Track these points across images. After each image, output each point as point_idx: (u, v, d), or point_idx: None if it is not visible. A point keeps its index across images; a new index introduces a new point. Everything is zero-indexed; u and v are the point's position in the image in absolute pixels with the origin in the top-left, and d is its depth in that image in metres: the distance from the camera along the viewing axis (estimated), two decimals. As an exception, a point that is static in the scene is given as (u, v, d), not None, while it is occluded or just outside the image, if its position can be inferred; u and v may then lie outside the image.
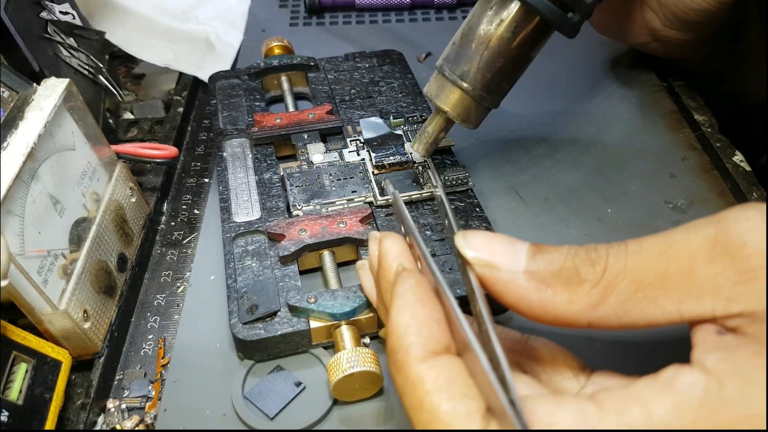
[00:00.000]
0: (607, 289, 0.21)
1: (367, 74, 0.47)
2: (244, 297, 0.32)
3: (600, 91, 0.49)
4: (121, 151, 0.38)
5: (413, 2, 0.59)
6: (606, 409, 0.19)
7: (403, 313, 0.22)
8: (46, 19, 0.40)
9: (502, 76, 0.34)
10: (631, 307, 0.21)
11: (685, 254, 0.21)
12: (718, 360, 0.19)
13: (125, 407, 0.31)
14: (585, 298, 0.22)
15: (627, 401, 0.19)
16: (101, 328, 0.32)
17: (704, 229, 0.21)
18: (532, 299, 0.22)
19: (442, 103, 0.35)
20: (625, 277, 0.21)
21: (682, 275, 0.21)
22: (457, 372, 0.21)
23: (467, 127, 0.36)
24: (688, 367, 0.20)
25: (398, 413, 0.30)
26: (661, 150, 0.43)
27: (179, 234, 0.40)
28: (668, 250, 0.21)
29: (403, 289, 0.23)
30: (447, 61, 0.35)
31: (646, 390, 0.20)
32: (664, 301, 0.21)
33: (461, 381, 0.21)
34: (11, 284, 0.27)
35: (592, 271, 0.22)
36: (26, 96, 0.32)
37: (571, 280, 0.22)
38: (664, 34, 0.43)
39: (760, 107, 0.49)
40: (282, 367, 0.32)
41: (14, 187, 0.28)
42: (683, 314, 0.21)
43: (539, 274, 0.22)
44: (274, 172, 0.39)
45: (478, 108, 0.35)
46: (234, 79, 0.47)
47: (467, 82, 0.34)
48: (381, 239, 0.26)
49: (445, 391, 0.21)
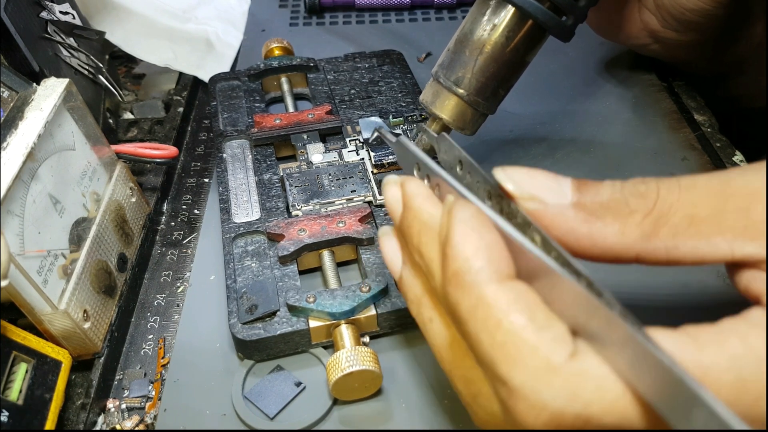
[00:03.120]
0: (660, 221, 0.21)
1: (366, 74, 0.47)
2: (244, 297, 0.32)
3: (600, 91, 0.49)
4: (121, 151, 0.38)
5: (413, 2, 0.59)
6: (702, 341, 0.19)
7: (470, 237, 0.21)
8: (46, 19, 0.40)
9: (497, 81, 0.34)
10: (683, 241, 0.21)
11: (744, 193, 0.20)
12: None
13: (125, 407, 0.31)
14: (636, 229, 0.21)
15: (722, 334, 0.19)
16: (101, 328, 0.32)
17: (762, 171, 0.21)
18: (580, 232, 0.22)
19: (437, 110, 0.35)
20: (679, 210, 0.21)
21: (740, 214, 0.20)
22: (535, 297, 0.20)
23: (464, 134, 0.36)
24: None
25: (398, 413, 0.30)
26: (661, 150, 0.43)
27: (179, 234, 0.40)
28: (726, 188, 0.21)
29: (465, 214, 0.21)
30: (442, 67, 0.35)
31: (740, 325, 0.19)
32: (718, 239, 0.20)
33: (541, 306, 0.20)
34: (11, 284, 0.27)
35: (643, 202, 0.21)
36: (26, 96, 0.32)
37: (621, 211, 0.22)
38: (663, 36, 0.43)
39: (760, 110, 0.49)
40: (282, 367, 0.32)
41: (14, 187, 0.28)
42: (736, 253, 0.20)
43: (588, 206, 0.22)
44: (274, 172, 0.39)
45: (474, 114, 0.35)
46: (234, 81, 0.47)
47: (462, 87, 0.34)
48: (403, 182, 0.25)
49: (528, 312, 0.19)
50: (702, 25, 0.40)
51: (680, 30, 0.41)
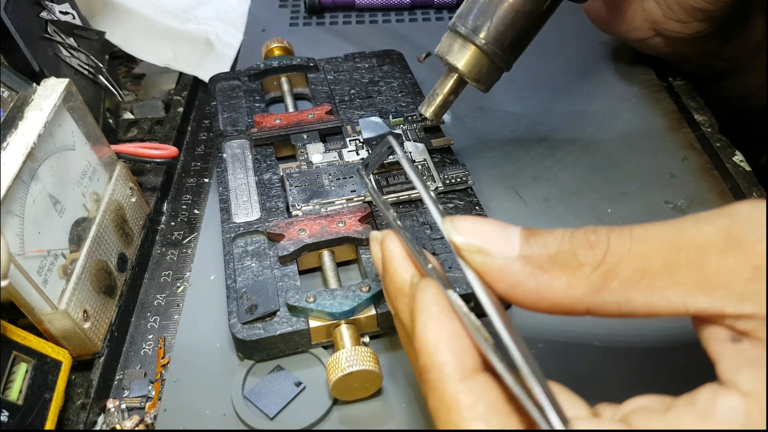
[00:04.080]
0: (610, 274, 0.20)
1: (366, 74, 0.47)
2: (244, 297, 0.32)
3: (600, 91, 0.49)
4: (121, 151, 0.38)
5: (413, 2, 0.59)
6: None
7: (430, 328, 0.21)
8: (46, 19, 0.40)
9: (517, 33, 0.34)
10: (634, 295, 0.20)
11: (697, 245, 0.20)
12: (751, 379, 0.18)
13: (125, 407, 0.31)
14: (585, 282, 0.21)
15: (667, 428, 0.19)
16: (101, 328, 0.32)
17: (718, 221, 0.20)
18: (528, 286, 0.21)
19: (454, 59, 0.34)
20: (630, 262, 0.20)
21: (692, 266, 0.20)
22: (496, 396, 0.20)
23: (479, 88, 0.35)
24: (724, 390, 0.19)
25: (398, 413, 0.30)
26: (661, 150, 0.43)
27: (179, 234, 0.40)
28: (678, 239, 0.20)
29: (426, 301, 0.22)
30: (460, 17, 0.34)
31: (686, 417, 0.19)
32: (671, 292, 0.20)
33: (500, 408, 0.20)
34: (11, 284, 0.27)
35: (592, 253, 0.21)
36: (26, 96, 0.32)
37: (569, 264, 0.21)
38: (665, 27, 0.42)
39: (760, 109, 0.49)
40: (282, 367, 0.32)
41: (14, 187, 0.28)
42: (690, 307, 0.20)
43: (534, 259, 0.21)
44: (274, 172, 0.39)
45: (491, 66, 0.35)
46: (234, 81, 0.47)
47: (481, 35, 0.34)
48: (382, 240, 0.25)
49: (483, 421, 0.19)
50: (707, 13, 0.40)
51: (683, 20, 0.41)
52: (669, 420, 0.19)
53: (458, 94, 0.36)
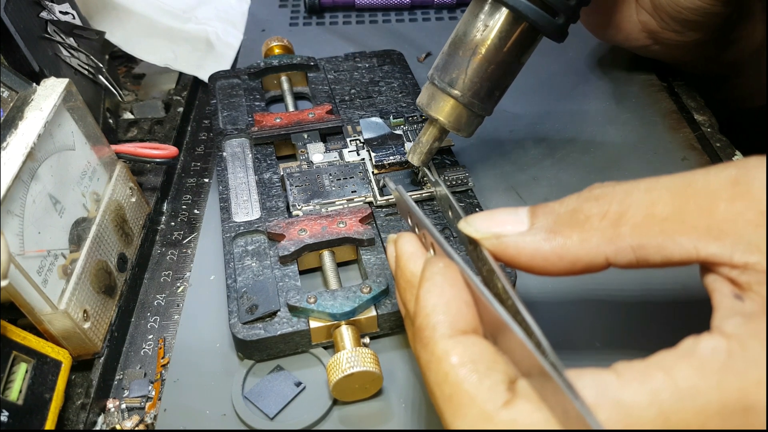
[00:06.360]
0: (620, 221, 0.21)
1: (367, 74, 0.47)
2: (244, 297, 0.32)
3: (600, 91, 0.49)
4: (121, 151, 0.38)
5: (413, 2, 0.59)
6: (626, 378, 0.19)
7: (432, 293, 0.22)
8: (46, 19, 0.40)
9: (492, 82, 0.34)
10: (647, 240, 0.21)
11: (706, 192, 0.20)
12: (737, 325, 0.19)
13: (125, 407, 0.31)
14: (596, 233, 0.22)
15: (648, 368, 0.19)
16: (101, 328, 0.32)
17: (725, 170, 0.21)
18: (545, 251, 0.22)
19: (433, 111, 0.35)
20: (639, 209, 0.21)
21: (702, 213, 0.20)
22: (483, 349, 0.21)
23: (461, 135, 0.36)
24: (707, 334, 0.19)
25: (398, 413, 0.30)
26: (661, 150, 0.43)
27: (179, 234, 0.40)
28: (687, 188, 0.21)
29: (432, 271, 0.23)
30: (437, 69, 0.35)
31: (668, 357, 0.19)
32: (682, 238, 0.20)
33: (487, 357, 0.21)
34: (11, 284, 0.27)
35: (597, 205, 0.22)
36: (26, 96, 0.32)
37: (576, 220, 0.22)
38: (662, 36, 0.42)
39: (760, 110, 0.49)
40: (282, 367, 0.32)
41: (14, 187, 0.28)
42: (701, 252, 0.20)
43: (545, 226, 0.22)
44: (274, 171, 0.39)
45: (470, 115, 0.35)
46: (234, 79, 0.47)
47: (457, 89, 0.34)
48: (396, 240, 0.27)
49: (470, 364, 0.20)
50: (701, 23, 0.40)
51: (679, 30, 0.41)
52: (650, 362, 0.19)
53: (442, 141, 0.37)
